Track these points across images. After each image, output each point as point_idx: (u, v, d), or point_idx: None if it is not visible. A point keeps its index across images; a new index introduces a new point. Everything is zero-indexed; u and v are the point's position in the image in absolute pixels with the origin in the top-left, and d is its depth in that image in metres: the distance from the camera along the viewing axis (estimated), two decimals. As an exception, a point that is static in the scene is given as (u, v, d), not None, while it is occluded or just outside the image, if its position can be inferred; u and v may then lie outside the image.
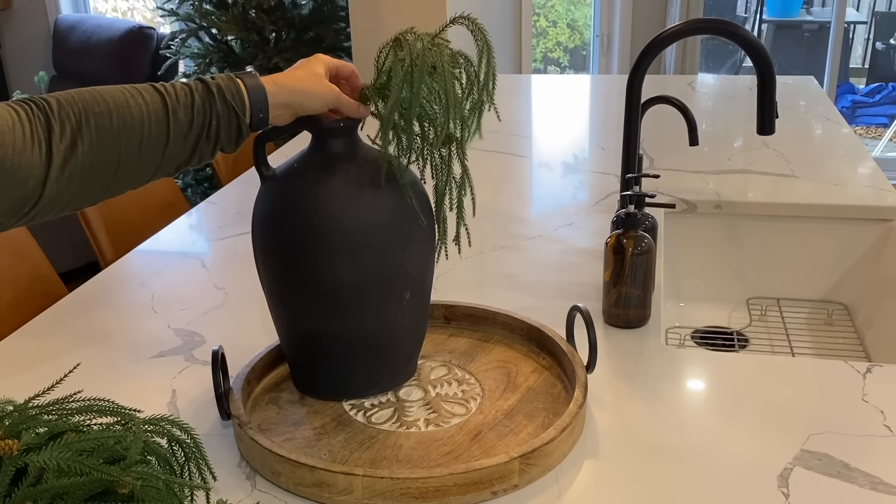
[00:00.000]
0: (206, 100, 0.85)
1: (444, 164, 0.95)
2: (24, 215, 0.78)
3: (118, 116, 0.80)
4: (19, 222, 0.79)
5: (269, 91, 0.89)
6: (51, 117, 0.77)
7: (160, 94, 0.84)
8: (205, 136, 0.86)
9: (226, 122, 0.87)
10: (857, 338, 1.52)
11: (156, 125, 0.82)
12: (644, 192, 1.20)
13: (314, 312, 0.96)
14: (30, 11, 4.37)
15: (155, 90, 0.84)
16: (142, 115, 0.82)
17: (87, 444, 0.65)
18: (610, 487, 0.87)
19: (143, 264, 1.50)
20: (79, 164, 0.78)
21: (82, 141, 0.78)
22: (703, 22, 1.31)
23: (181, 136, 0.84)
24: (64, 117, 0.77)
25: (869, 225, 1.59)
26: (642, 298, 1.18)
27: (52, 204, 0.78)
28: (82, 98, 0.80)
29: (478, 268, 1.41)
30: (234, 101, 0.87)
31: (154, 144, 0.83)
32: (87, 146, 0.78)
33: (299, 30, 3.44)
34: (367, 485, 0.83)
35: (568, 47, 5.14)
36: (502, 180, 1.86)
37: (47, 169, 0.76)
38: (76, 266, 3.13)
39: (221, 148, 0.88)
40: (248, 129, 0.89)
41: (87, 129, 0.78)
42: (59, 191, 0.78)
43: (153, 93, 0.83)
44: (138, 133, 0.81)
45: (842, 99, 5.19)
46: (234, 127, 0.87)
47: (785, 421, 0.97)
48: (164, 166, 0.86)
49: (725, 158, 1.90)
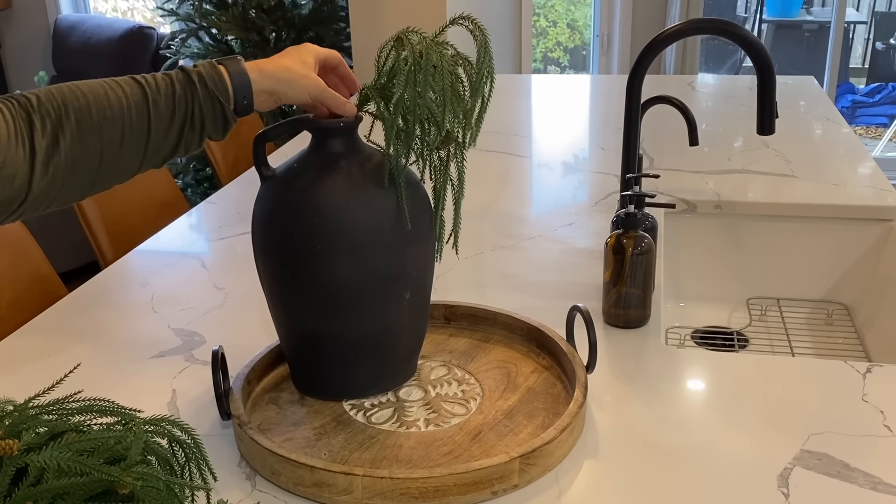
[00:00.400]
0: (187, 89, 0.85)
1: (443, 164, 0.95)
2: (12, 213, 0.78)
3: (98, 110, 0.79)
4: (8, 219, 0.79)
5: (252, 78, 0.88)
6: (32, 114, 0.76)
7: (140, 86, 0.83)
8: (188, 126, 0.85)
9: (209, 111, 0.86)
10: (857, 338, 1.52)
11: (136, 117, 0.82)
12: (644, 192, 1.20)
13: (314, 312, 0.96)
14: (30, 11, 4.37)
15: (135, 82, 0.83)
16: (122, 107, 0.81)
17: (88, 444, 0.65)
18: (610, 487, 0.87)
19: (143, 264, 1.50)
20: (62, 159, 0.77)
21: (63, 136, 0.77)
22: (703, 22, 1.31)
23: (163, 127, 0.84)
24: (44, 113, 0.77)
25: (869, 225, 1.59)
26: (642, 298, 1.18)
27: (39, 200, 0.78)
28: (62, 93, 0.79)
29: (478, 268, 1.41)
30: (217, 88, 0.86)
31: (136, 136, 0.82)
32: (68, 141, 0.77)
33: (299, 30, 3.44)
34: (367, 485, 0.83)
35: (568, 47, 5.14)
36: (502, 180, 1.86)
37: (31, 166, 0.75)
38: (76, 266, 3.13)
39: (209, 136, 0.88)
40: (234, 115, 0.88)
41: (68, 123, 0.78)
42: (45, 187, 0.77)
43: (133, 84, 0.83)
44: (119, 126, 0.81)
45: (842, 99, 5.19)
46: (218, 115, 0.87)
47: (785, 421, 0.97)
48: (149, 158, 0.85)
49: (725, 158, 1.90)
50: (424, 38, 0.91)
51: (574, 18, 5.11)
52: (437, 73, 0.89)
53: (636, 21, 4.09)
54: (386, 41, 0.93)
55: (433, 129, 0.92)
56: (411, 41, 0.91)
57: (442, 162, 0.95)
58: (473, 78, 0.93)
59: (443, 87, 0.90)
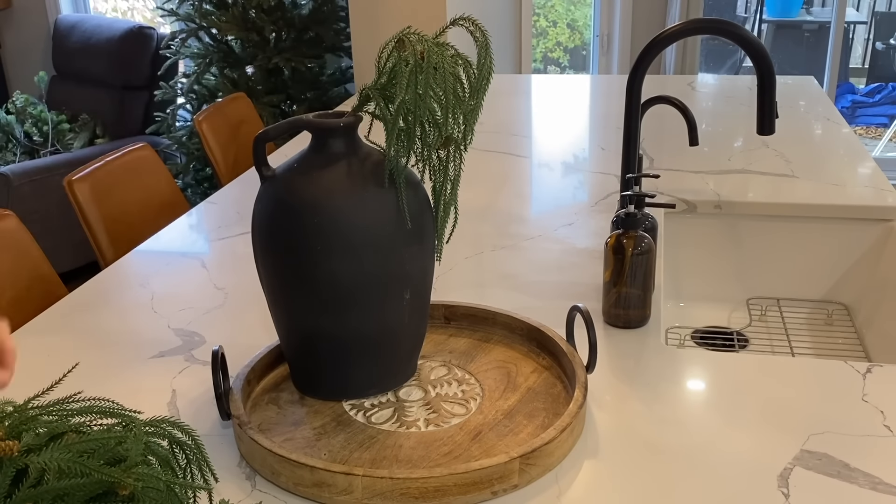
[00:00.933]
0: None
1: (442, 165, 0.96)
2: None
3: None
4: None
5: None
6: None
7: None
8: None
9: None
10: (857, 338, 1.52)
11: None
12: (644, 192, 1.20)
13: (314, 312, 0.96)
14: (30, 11, 4.37)
15: None
16: None
17: (88, 445, 0.65)
18: (610, 487, 0.87)
19: (143, 264, 1.50)
20: None
21: None
22: (703, 22, 1.31)
23: None
24: None
25: (869, 225, 1.60)
26: (642, 298, 1.18)
27: None
28: None
29: (478, 268, 1.41)
30: None
31: None
32: None
33: (299, 30, 3.44)
34: (367, 485, 0.83)
35: (568, 47, 5.14)
36: (502, 180, 1.86)
37: None
38: (76, 266, 3.14)
39: None
40: None
41: None
42: None
43: None
44: None
45: (842, 99, 5.19)
46: None
47: (785, 421, 0.97)
48: None
49: (725, 158, 1.90)
50: (425, 39, 0.91)
51: (574, 18, 5.11)
52: (438, 75, 0.90)
53: (636, 21, 4.09)
54: (387, 42, 0.93)
55: (434, 130, 0.92)
56: (412, 42, 0.91)
57: (441, 162, 0.95)
58: (474, 79, 0.93)
59: (444, 88, 0.90)
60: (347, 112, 0.97)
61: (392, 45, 0.92)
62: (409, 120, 0.91)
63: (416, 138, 0.93)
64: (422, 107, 0.90)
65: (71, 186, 1.69)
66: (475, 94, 0.93)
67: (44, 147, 3.66)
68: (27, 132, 3.67)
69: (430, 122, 0.92)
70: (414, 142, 0.93)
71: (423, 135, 0.93)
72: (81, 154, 3.52)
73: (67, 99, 3.95)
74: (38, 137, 3.67)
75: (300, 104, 3.47)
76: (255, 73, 3.42)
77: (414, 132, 0.92)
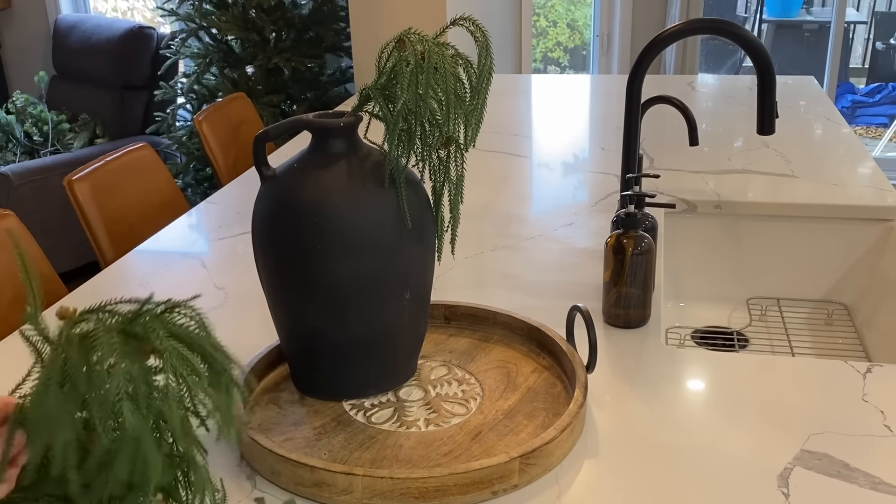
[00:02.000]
0: None
1: (442, 165, 0.96)
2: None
3: None
4: None
5: None
6: None
7: None
8: None
9: None
10: (857, 338, 1.52)
11: None
12: (644, 192, 1.20)
13: (314, 312, 0.96)
14: (30, 11, 4.37)
15: None
16: None
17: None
18: (610, 487, 0.87)
19: (143, 264, 1.50)
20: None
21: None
22: (703, 22, 1.31)
23: None
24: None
25: (869, 225, 1.60)
26: (642, 298, 1.18)
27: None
28: None
29: (478, 268, 1.41)
30: None
31: None
32: None
33: (299, 30, 3.44)
34: (367, 485, 0.83)
35: (568, 47, 5.14)
36: (502, 180, 1.86)
37: None
38: (76, 266, 3.14)
39: None
40: None
41: None
42: None
43: None
44: None
45: (842, 99, 5.19)
46: None
47: (785, 421, 0.97)
48: None
49: (725, 158, 1.90)
50: (425, 39, 0.91)
51: (574, 18, 5.11)
52: (439, 75, 0.90)
53: (636, 21, 4.09)
54: (387, 42, 0.93)
55: (434, 131, 0.92)
56: (412, 42, 0.91)
57: (442, 162, 0.95)
58: (474, 79, 0.93)
59: (445, 88, 0.90)
60: (347, 112, 0.97)
61: (392, 45, 0.92)
62: (409, 120, 0.91)
63: (416, 138, 0.93)
64: (422, 107, 0.90)
65: (71, 186, 1.69)
66: (476, 94, 0.94)
67: (44, 147, 3.66)
68: (27, 132, 3.67)
69: (430, 122, 0.92)
70: (414, 142, 0.93)
71: (424, 135, 0.93)
72: (81, 154, 3.52)
73: (67, 99, 3.95)
74: (38, 137, 3.67)
75: (300, 104, 3.47)
76: (255, 73, 3.42)
77: (414, 132, 0.92)
